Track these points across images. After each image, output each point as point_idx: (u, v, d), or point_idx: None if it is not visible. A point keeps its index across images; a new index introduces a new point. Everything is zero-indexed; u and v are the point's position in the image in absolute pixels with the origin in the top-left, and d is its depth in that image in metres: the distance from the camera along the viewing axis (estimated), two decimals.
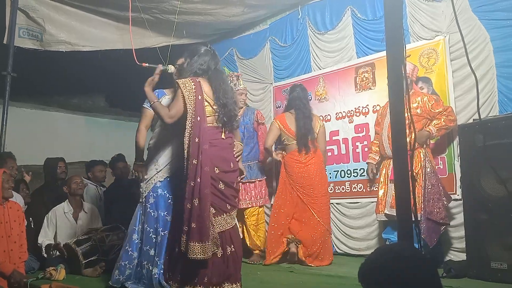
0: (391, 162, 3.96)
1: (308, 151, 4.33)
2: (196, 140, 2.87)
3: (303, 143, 4.34)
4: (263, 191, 4.70)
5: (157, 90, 3.45)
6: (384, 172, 3.99)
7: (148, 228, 3.20)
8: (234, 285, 2.94)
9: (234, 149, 3.22)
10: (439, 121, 3.77)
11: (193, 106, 2.92)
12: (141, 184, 3.31)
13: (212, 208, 2.86)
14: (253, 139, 4.76)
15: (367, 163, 4.35)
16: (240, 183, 4.64)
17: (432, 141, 3.91)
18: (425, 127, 3.77)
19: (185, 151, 2.88)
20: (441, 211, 3.62)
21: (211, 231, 2.81)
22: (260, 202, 4.69)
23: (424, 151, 3.72)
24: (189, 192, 2.81)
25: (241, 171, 3.21)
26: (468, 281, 3.23)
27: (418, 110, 3.76)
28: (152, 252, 3.17)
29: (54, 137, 6.99)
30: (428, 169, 3.64)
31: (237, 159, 3.23)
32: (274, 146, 4.75)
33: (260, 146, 4.74)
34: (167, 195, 3.18)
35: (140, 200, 3.29)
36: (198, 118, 2.92)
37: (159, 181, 3.24)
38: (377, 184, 4.25)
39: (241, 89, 4.72)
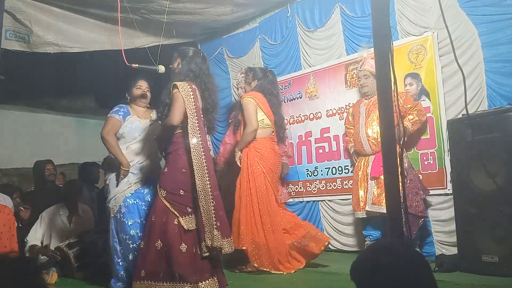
0: (370, 159, 4.02)
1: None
2: (205, 144, 3.06)
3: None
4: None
5: (125, 106, 3.57)
6: (362, 169, 4.04)
7: (124, 236, 3.32)
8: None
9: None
10: (412, 116, 3.85)
11: (194, 111, 3.04)
12: (111, 198, 3.41)
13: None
14: None
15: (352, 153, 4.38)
16: None
17: (422, 137, 3.95)
18: (400, 122, 3.79)
19: (197, 155, 2.99)
20: (419, 205, 3.68)
21: None
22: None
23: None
24: (213, 190, 3.01)
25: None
26: (460, 275, 3.25)
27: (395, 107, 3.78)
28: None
29: (44, 139, 6.94)
30: (406, 165, 3.67)
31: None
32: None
33: None
34: (140, 202, 3.39)
35: (112, 215, 3.40)
36: (202, 124, 3.08)
37: (130, 192, 3.38)
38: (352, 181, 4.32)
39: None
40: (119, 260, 3.34)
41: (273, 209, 3.88)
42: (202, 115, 3.13)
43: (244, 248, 3.76)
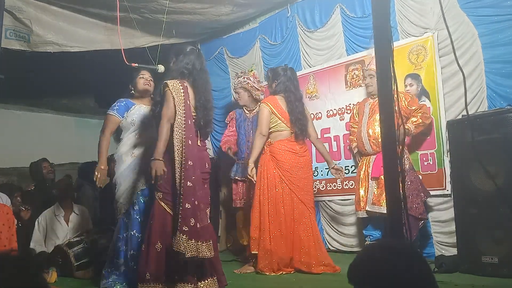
0: (371, 159, 4.02)
1: (303, 139, 4.02)
2: (190, 142, 2.98)
3: (300, 129, 3.96)
4: None
5: (123, 100, 3.56)
6: (364, 169, 4.03)
7: (131, 233, 3.32)
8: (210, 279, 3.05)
9: None
10: (416, 119, 3.84)
11: (183, 109, 3.02)
12: (120, 195, 3.40)
13: None
14: None
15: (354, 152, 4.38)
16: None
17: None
18: (401, 123, 3.77)
19: (178, 153, 2.94)
20: (419, 207, 3.68)
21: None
22: None
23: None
24: (188, 192, 2.89)
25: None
26: (460, 276, 3.25)
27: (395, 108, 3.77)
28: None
29: (43, 139, 6.94)
30: (407, 166, 3.67)
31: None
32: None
33: None
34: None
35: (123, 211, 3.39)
36: (189, 122, 3.02)
37: (141, 188, 3.36)
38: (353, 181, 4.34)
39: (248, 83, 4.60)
40: (117, 257, 3.34)
41: (287, 214, 3.80)
42: (194, 112, 3.10)
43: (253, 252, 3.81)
